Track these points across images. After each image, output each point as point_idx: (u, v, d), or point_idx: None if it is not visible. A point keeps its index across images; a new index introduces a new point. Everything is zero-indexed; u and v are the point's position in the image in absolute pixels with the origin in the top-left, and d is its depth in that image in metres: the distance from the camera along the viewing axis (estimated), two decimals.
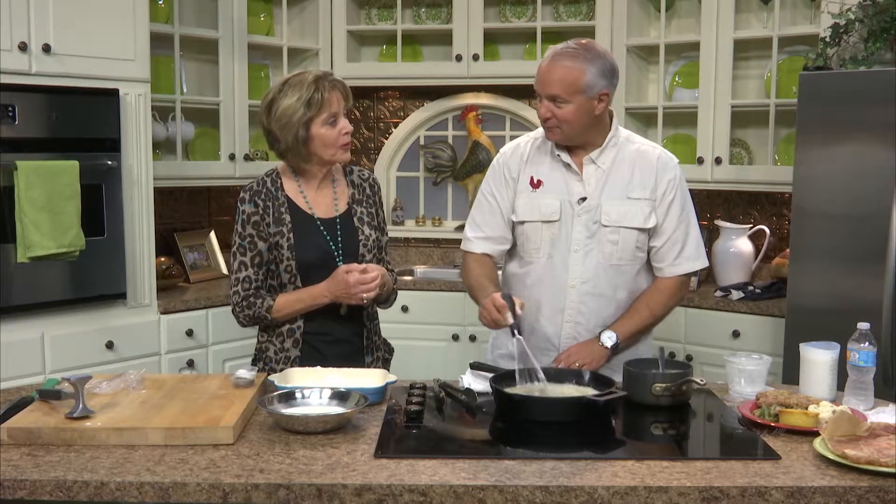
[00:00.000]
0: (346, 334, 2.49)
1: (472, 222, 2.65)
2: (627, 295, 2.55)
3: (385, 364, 2.61)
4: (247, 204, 2.42)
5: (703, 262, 2.61)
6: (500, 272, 2.69)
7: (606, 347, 2.47)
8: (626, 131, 2.60)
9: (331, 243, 2.44)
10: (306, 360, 2.44)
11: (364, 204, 2.53)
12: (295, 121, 2.35)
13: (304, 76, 2.39)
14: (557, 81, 2.39)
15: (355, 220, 2.49)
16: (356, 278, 2.33)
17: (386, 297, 2.57)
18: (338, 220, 2.48)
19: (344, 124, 2.40)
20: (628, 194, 2.49)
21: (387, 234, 2.64)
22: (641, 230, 2.50)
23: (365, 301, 2.37)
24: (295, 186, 2.47)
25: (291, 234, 2.41)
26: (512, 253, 2.64)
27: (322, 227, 2.45)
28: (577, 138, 2.48)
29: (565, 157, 2.52)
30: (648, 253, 2.56)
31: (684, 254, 2.55)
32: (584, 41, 2.46)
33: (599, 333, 2.50)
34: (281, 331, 2.46)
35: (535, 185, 2.54)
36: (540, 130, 2.59)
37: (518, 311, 2.30)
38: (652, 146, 2.58)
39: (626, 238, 2.50)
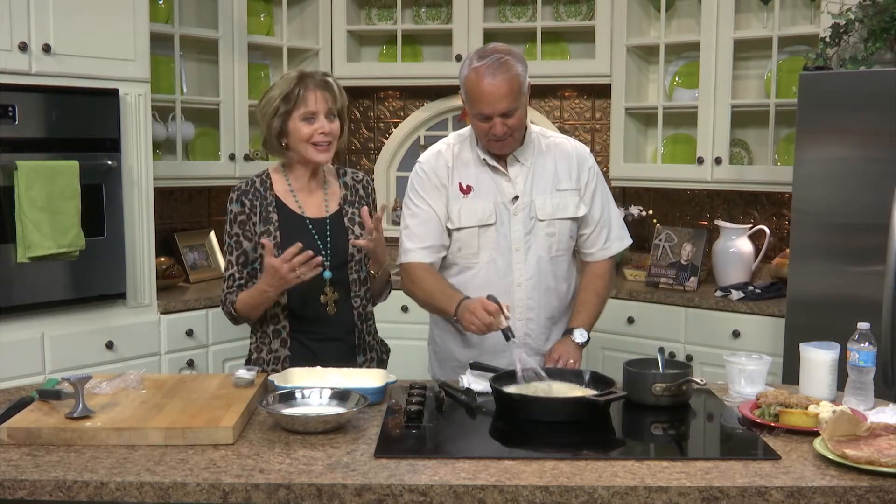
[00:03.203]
0: (337, 333, 2.49)
1: (410, 233, 2.56)
2: (564, 284, 2.61)
3: (381, 364, 2.61)
4: (234, 203, 2.45)
5: (628, 240, 2.72)
6: None
7: (581, 344, 2.52)
8: (536, 126, 2.63)
9: (319, 244, 2.45)
10: (297, 359, 2.45)
11: (356, 205, 2.53)
12: (270, 112, 2.41)
13: (291, 72, 2.47)
14: (507, 96, 2.37)
15: (346, 220, 2.50)
16: (287, 265, 2.24)
17: (379, 292, 2.60)
18: (328, 220, 2.48)
19: (321, 125, 2.40)
20: (556, 187, 2.56)
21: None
22: (574, 220, 2.58)
23: (300, 279, 2.28)
24: (285, 186, 2.49)
25: (278, 233, 2.42)
26: (448, 258, 2.60)
27: (311, 227, 2.45)
28: (520, 139, 2.52)
29: (492, 160, 2.53)
30: (576, 240, 2.64)
31: (612, 236, 2.66)
32: (500, 47, 2.44)
33: (571, 330, 2.53)
34: (268, 332, 2.48)
35: (466, 190, 2.54)
36: (453, 136, 2.63)
37: (507, 313, 2.32)
38: (564, 138, 2.66)
39: (560, 230, 2.56)
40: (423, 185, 2.57)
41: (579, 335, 2.52)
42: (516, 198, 2.52)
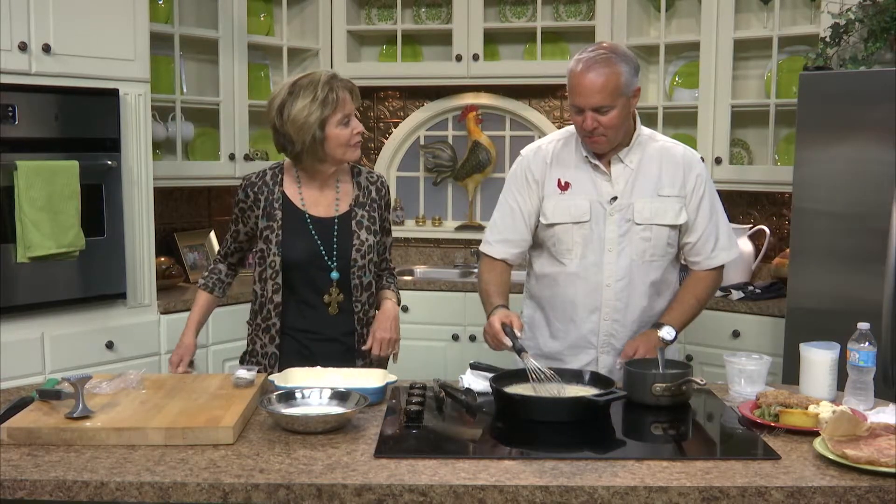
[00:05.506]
0: (336, 334, 2.50)
1: (493, 225, 2.64)
2: (658, 291, 2.56)
3: (381, 365, 2.58)
4: (241, 192, 2.52)
5: (736, 251, 2.66)
6: (527, 272, 2.70)
7: (667, 342, 2.46)
8: (648, 129, 2.60)
9: (320, 244, 2.45)
10: (291, 355, 2.45)
11: (367, 207, 2.52)
12: (312, 121, 2.36)
13: (314, 76, 2.41)
14: (601, 91, 2.36)
15: (353, 222, 2.49)
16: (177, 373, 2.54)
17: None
18: (336, 220, 2.48)
19: (356, 124, 2.43)
20: (658, 192, 2.51)
21: (391, 234, 2.65)
22: (673, 227, 2.52)
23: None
24: (294, 184, 2.49)
25: (281, 231, 2.43)
26: (543, 253, 2.61)
27: (312, 227, 2.45)
28: (616, 141, 2.47)
29: (594, 158, 2.52)
30: (681, 248, 2.59)
31: (719, 246, 2.59)
32: (607, 44, 2.45)
33: (660, 326, 2.48)
34: (263, 325, 2.50)
35: (563, 187, 2.53)
36: (560, 132, 2.62)
37: (518, 333, 2.32)
38: (674, 143, 2.61)
39: (658, 235, 2.51)
40: (517, 181, 2.60)
41: (667, 332, 2.45)
42: (615, 198, 2.50)
